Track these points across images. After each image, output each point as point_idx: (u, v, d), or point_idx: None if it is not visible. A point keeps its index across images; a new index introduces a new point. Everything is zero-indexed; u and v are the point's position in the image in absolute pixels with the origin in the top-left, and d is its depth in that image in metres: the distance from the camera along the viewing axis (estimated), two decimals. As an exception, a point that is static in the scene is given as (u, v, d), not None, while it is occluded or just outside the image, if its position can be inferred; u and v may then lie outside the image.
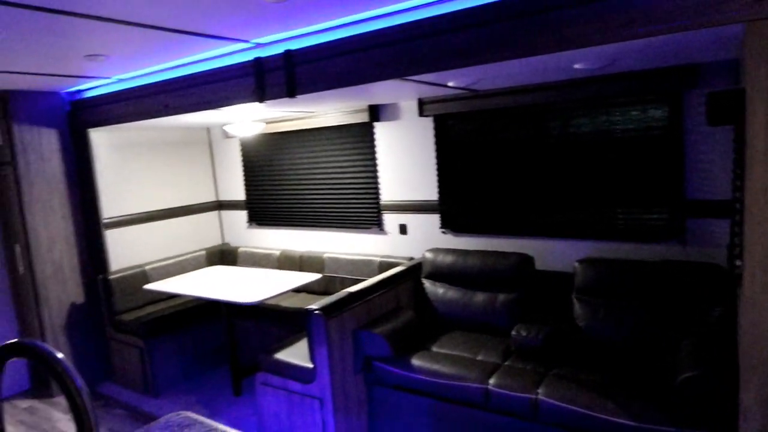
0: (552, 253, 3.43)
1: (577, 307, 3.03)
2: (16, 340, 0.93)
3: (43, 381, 4.30)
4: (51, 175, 4.14)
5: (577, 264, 3.10)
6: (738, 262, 1.99)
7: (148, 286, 4.02)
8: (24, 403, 4.14)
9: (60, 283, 4.19)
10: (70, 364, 0.89)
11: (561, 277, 3.27)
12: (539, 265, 3.42)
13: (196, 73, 3.41)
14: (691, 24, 1.94)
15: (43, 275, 4.08)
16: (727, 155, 2.81)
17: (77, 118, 4.23)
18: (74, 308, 4.28)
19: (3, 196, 4.14)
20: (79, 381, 0.89)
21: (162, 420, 1.62)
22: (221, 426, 1.58)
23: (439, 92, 3.40)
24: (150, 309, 4.30)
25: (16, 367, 4.33)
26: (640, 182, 3.11)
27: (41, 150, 4.09)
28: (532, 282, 3.29)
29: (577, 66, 2.63)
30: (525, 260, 3.27)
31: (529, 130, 3.43)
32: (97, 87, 4.03)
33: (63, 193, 4.21)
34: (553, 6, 2.10)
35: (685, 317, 2.72)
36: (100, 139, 4.34)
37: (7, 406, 4.10)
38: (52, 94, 4.15)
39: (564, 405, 2.43)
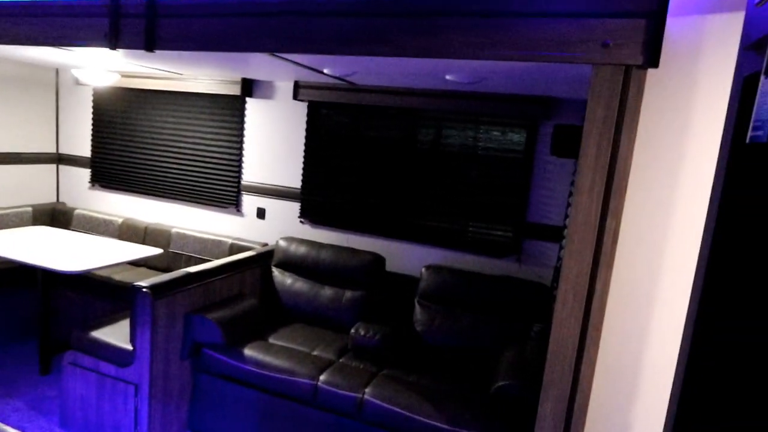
0: (404, 257, 3.50)
1: (418, 312, 3.10)
2: None
3: None
4: None
5: (423, 269, 3.18)
6: (556, 284, 2.15)
7: (-54, 239, 3.40)
8: None
9: None
10: None
11: (410, 280, 3.34)
12: (391, 266, 3.46)
13: (40, 1, 2.94)
14: (549, 56, 2.04)
15: None
16: (566, 186, 3.06)
17: None
18: None
19: None
20: None
21: None
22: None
23: (316, 78, 3.29)
24: (-54, 266, 3.65)
25: None
26: (492, 200, 3.28)
27: None
28: (380, 282, 3.31)
29: (448, 77, 2.69)
30: (376, 260, 3.29)
31: (399, 133, 3.46)
32: None
33: None
34: (429, 12, 2.11)
35: (511, 330, 2.90)
36: None
37: None
38: None
39: (386, 405, 2.46)
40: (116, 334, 2.79)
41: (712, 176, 1.77)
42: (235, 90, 3.74)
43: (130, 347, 2.67)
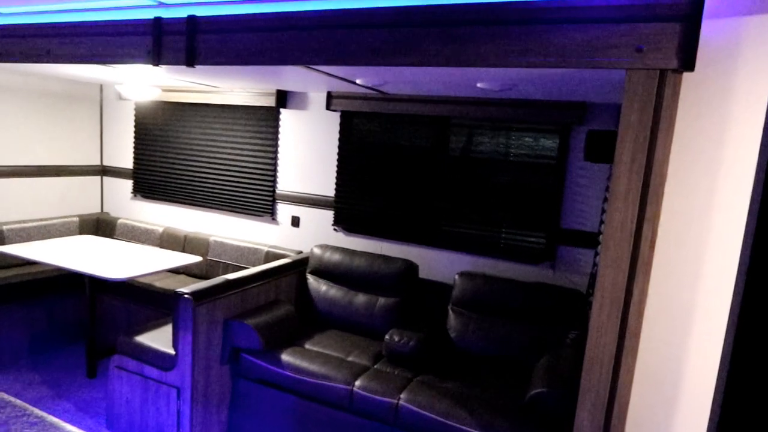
0: (437, 263, 3.51)
1: (452, 318, 3.11)
2: None
3: None
4: None
5: (456, 276, 3.18)
6: (591, 291, 2.13)
7: (2, 249, 3.58)
8: None
9: None
10: None
11: (443, 287, 3.35)
12: (424, 273, 3.47)
13: (87, 22, 3.10)
14: (580, 62, 2.04)
15: None
16: (600, 191, 3.03)
17: (-61, 48, 3.68)
18: None
19: None
20: None
21: (-32, 400, 1.42)
22: (37, 410, 1.42)
23: (348, 88, 3.35)
24: (2, 273, 3.85)
25: None
26: (525, 206, 3.26)
27: None
28: (413, 289, 3.33)
29: (479, 85, 2.70)
30: (409, 267, 3.31)
31: (431, 141, 3.49)
32: (-33, 16, 3.53)
33: None
34: (458, 21, 2.14)
35: (546, 337, 2.88)
36: (-34, 76, 3.82)
37: None
38: None
39: (421, 411, 2.47)
40: (159, 339, 2.89)
41: (751, 180, 1.74)
42: (270, 101, 3.84)
43: (172, 352, 2.77)
